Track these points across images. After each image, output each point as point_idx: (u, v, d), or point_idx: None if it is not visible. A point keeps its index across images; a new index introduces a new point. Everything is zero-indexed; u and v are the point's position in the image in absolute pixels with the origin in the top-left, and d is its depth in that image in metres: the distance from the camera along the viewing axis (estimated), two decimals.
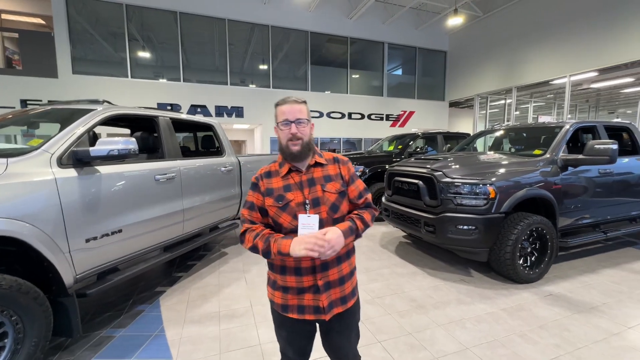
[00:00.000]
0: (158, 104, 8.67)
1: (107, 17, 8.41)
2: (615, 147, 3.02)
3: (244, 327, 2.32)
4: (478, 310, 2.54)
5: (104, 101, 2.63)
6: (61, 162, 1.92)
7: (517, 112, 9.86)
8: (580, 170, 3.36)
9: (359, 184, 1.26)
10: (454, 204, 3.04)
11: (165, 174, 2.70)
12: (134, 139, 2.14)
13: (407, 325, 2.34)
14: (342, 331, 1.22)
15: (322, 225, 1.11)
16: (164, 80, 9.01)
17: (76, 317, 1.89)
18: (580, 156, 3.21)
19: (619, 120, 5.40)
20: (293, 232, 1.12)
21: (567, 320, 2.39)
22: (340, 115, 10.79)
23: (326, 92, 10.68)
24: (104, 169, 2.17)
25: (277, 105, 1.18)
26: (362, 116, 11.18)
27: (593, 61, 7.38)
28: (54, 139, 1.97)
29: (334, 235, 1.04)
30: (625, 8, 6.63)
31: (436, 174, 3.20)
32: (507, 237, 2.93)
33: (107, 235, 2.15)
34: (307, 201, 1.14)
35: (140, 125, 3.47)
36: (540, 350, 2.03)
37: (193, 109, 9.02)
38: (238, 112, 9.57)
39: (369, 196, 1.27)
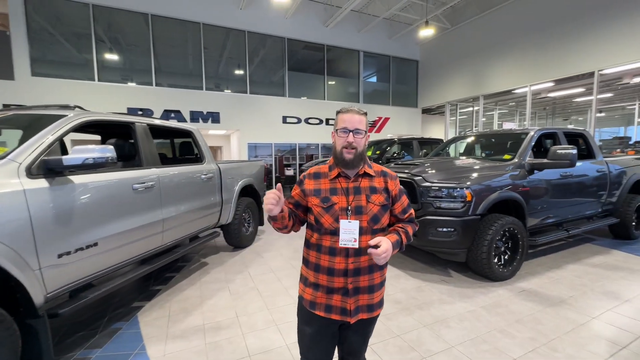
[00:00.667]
0: (128, 108, 8.28)
1: (71, 16, 7.94)
2: (574, 152, 3.30)
3: (231, 339, 2.26)
4: (460, 309, 2.64)
5: (75, 106, 2.48)
6: (30, 172, 1.78)
7: (484, 119, 10.49)
8: (544, 173, 3.63)
9: (404, 200, 1.32)
10: (433, 207, 3.16)
11: (144, 182, 2.58)
12: (111, 147, 2.03)
13: (395, 327, 2.38)
14: (363, 335, 1.28)
15: (361, 232, 1.17)
16: (134, 84, 8.62)
17: (47, 340, 1.75)
18: (545, 160, 3.47)
19: (572, 127, 5.87)
20: (333, 233, 1.18)
21: (540, 314, 2.55)
22: (318, 121, 10.88)
23: (302, 98, 10.72)
24: (77, 179, 2.04)
25: (338, 112, 1.24)
26: None
27: (550, 72, 8.03)
28: (22, 147, 1.82)
29: (388, 245, 1.12)
30: (578, 25, 7.31)
31: (416, 178, 3.32)
32: (483, 238, 3.09)
33: (81, 249, 2.01)
34: (350, 207, 1.19)
35: (113, 131, 3.30)
36: (518, 343, 2.16)
37: (166, 114, 8.69)
38: (214, 117, 9.36)
39: (413, 212, 1.34)
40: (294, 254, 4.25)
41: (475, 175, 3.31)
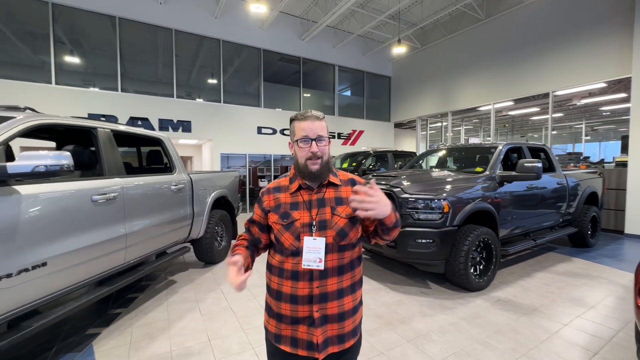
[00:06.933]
0: (89, 114, 7.70)
1: (25, 14, 7.35)
2: (540, 165, 3.50)
3: None
4: (441, 322, 2.62)
5: (25, 108, 2.21)
6: None
7: (451, 134, 11.06)
8: (513, 185, 3.80)
9: None
10: (412, 218, 3.17)
11: (105, 193, 2.34)
12: (67, 153, 1.81)
13: (378, 344, 2.30)
14: None
15: (326, 251, 1.03)
16: (97, 89, 8.08)
17: None
18: (514, 173, 3.65)
19: (523, 141, 6.35)
20: (295, 254, 1.04)
21: (516, 324, 2.59)
22: None
23: (278, 109, 10.66)
24: (25, 189, 1.79)
25: (294, 119, 1.09)
26: None
27: (511, 92, 8.67)
28: None
29: (383, 196, 0.97)
30: (535, 49, 8.01)
31: (395, 190, 3.33)
32: (460, 249, 3.13)
33: (26, 270, 1.74)
34: (314, 222, 1.04)
35: (71, 137, 2.99)
36: (500, 355, 2.15)
37: (132, 122, 8.18)
38: (185, 126, 8.97)
39: (397, 215, 1.14)
40: None
41: (451, 187, 3.38)
